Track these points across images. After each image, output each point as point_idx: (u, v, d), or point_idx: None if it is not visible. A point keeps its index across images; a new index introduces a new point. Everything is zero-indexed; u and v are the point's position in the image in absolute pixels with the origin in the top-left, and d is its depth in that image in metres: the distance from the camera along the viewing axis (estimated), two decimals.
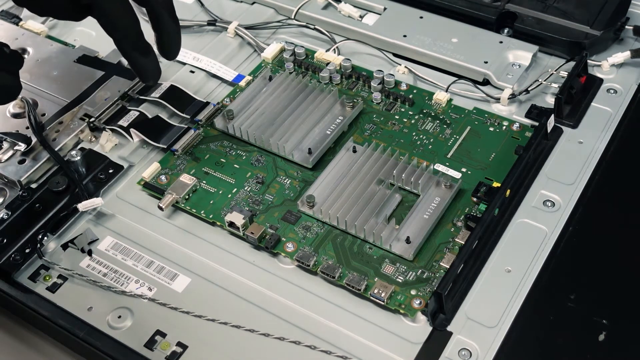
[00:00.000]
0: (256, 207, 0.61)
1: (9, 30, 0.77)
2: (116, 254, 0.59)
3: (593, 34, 0.71)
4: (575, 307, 0.54)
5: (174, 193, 0.61)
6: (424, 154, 0.64)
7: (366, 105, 0.68)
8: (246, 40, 0.76)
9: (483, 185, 0.60)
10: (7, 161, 0.65)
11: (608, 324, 0.53)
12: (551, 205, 0.60)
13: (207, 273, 0.58)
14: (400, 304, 0.54)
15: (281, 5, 0.79)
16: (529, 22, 0.73)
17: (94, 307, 0.56)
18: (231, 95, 0.70)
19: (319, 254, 0.57)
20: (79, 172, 0.64)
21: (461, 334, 0.53)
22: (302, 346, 0.53)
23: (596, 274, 0.56)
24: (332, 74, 0.71)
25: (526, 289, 0.55)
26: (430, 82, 0.70)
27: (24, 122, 0.67)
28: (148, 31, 0.60)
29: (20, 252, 0.59)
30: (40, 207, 0.62)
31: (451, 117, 0.67)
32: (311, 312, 0.55)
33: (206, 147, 0.66)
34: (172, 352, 0.53)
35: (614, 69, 0.71)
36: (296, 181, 0.63)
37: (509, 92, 0.67)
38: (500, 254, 0.57)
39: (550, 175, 0.62)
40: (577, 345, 0.52)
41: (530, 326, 0.53)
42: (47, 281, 0.58)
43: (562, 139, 0.65)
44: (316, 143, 0.64)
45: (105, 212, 0.62)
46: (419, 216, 0.59)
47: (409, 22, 0.75)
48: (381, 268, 0.56)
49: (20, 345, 0.58)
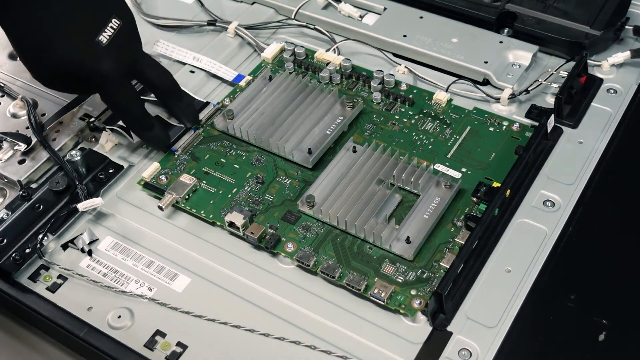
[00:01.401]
0: (256, 207, 0.61)
1: None
2: (116, 254, 0.59)
3: (593, 34, 0.71)
4: (575, 307, 0.54)
5: (174, 193, 0.61)
6: (424, 154, 0.64)
7: (366, 105, 0.68)
8: (246, 40, 0.76)
9: (483, 185, 0.60)
10: (7, 161, 0.65)
11: (608, 324, 0.53)
12: (551, 205, 0.60)
13: (207, 273, 0.58)
14: (400, 304, 0.54)
15: (281, 5, 0.79)
16: (529, 22, 0.73)
17: (94, 307, 0.56)
18: (231, 95, 0.70)
19: (319, 254, 0.57)
20: (79, 172, 0.64)
21: (461, 334, 0.53)
22: (302, 346, 0.53)
23: (596, 274, 0.56)
24: (332, 74, 0.71)
25: (526, 289, 0.55)
26: (430, 82, 0.70)
27: (24, 122, 0.67)
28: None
29: (20, 252, 0.59)
30: (40, 207, 0.62)
31: (451, 117, 0.67)
32: (311, 312, 0.55)
33: (206, 147, 0.66)
34: (172, 352, 0.53)
35: (614, 69, 0.71)
36: (296, 181, 0.63)
37: (509, 92, 0.67)
38: (500, 254, 0.57)
39: (550, 175, 0.62)
40: (577, 345, 0.52)
41: (530, 326, 0.53)
42: (47, 281, 0.58)
43: (562, 139, 0.65)
44: (316, 143, 0.64)
45: (105, 212, 0.62)
46: (419, 216, 0.59)
47: (409, 22, 0.75)
48: (381, 268, 0.56)
49: (20, 345, 0.58)
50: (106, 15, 0.59)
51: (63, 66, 0.58)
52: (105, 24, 0.59)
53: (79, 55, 0.58)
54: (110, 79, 0.59)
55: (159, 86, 0.64)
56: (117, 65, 0.59)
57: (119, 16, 0.60)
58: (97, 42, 0.58)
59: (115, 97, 0.62)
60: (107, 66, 0.59)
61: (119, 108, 0.63)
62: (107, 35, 0.58)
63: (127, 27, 0.60)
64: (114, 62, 0.59)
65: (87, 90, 0.65)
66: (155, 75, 0.64)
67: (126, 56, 0.60)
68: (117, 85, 0.60)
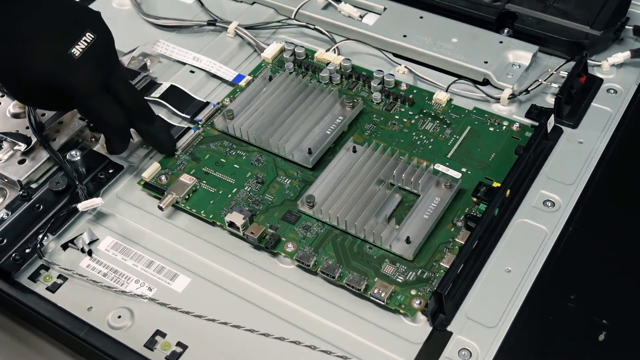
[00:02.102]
0: (256, 207, 0.61)
1: None
2: (116, 254, 0.59)
3: (593, 34, 0.71)
4: (575, 307, 0.54)
5: (174, 193, 0.61)
6: (424, 154, 0.64)
7: (366, 105, 0.68)
8: (246, 40, 0.76)
9: (483, 185, 0.60)
10: (7, 161, 0.65)
11: (608, 324, 0.53)
12: (551, 205, 0.60)
13: (207, 273, 0.58)
14: (400, 304, 0.54)
15: (281, 5, 0.79)
16: (529, 22, 0.73)
17: (94, 307, 0.56)
18: (231, 95, 0.70)
19: (319, 254, 0.57)
20: (79, 172, 0.64)
21: (461, 334, 0.53)
22: (302, 346, 0.53)
23: (596, 274, 0.56)
24: (332, 74, 0.71)
25: (526, 289, 0.55)
26: (430, 82, 0.70)
27: (24, 122, 0.67)
28: None
29: (20, 252, 0.59)
30: (40, 207, 0.62)
31: (451, 117, 0.67)
32: (311, 312, 0.55)
33: (206, 147, 0.66)
34: (172, 352, 0.53)
35: (614, 69, 0.71)
36: (296, 181, 0.63)
37: (509, 92, 0.67)
38: (500, 254, 0.57)
39: (550, 175, 0.62)
40: (577, 345, 0.52)
41: (530, 326, 0.53)
42: (47, 281, 0.58)
43: (562, 139, 0.65)
44: (316, 143, 0.64)
45: (105, 212, 0.62)
46: (419, 216, 0.59)
47: (409, 22, 0.75)
48: (381, 268, 0.56)
49: (20, 345, 0.58)
50: (80, 29, 0.59)
51: (36, 80, 0.58)
52: (79, 37, 0.58)
53: (51, 67, 0.58)
54: (83, 92, 0.59)
55: (128, 107, 0.62)
56: (90, 78, 0.59)
57: (94, 30, 0.59)
58: (69, 54, 0.58)
59: (90, 110, 0.61)
60: (80, 79, 0.58)
61: (96, 121, 0.63)
62: (80, 48, 0.58)
63: (103, 41, 0.60)
64: (86, 75, 0.59)
65: (63, 106, 0.64)
66: (124, 95, 0.62)
67: (100, 70, 0.60)
68: (91, 99, 0.60)
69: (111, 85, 0.61)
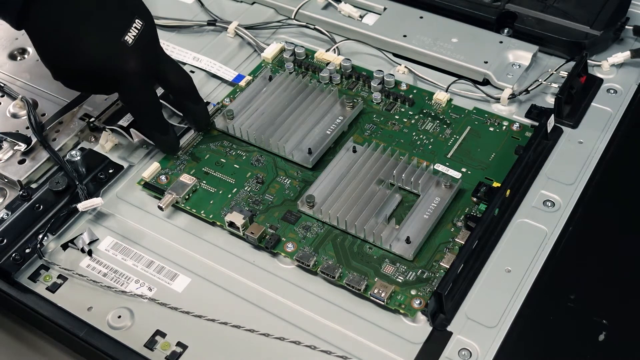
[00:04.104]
0: (256, 207, 0.61)
1: (9, 30, 0.77)
2: (116, 254, 0.59)
3: (593, 34, 0.71)
4: (575, 307, 0.54)
5: (174, 193, 0.61)
6: (424, 154, 0.64)
7: (366, 105, 0.68)
8: (246, 40, 0.76)
9: (483, 185, 0.60)
10: (7, 161, 0.65)
11: (608, 324, 0.53)
12: (551, 205, 0.60)
13: (207, 273, 0.58)
14: (400, 304, 0.54)
15: (281, 5, 0.79)
16: (529, 22, 0.73)
17: (94, 307, 0.56)
18: (231, 95, 0.70)
19: (319, 254, 0.57)
20: (79, 172, 0.64)
21: (461, 334, 0.53)
22: (302, 346, 0.53)
23: (596, 274, 0.56)
24: (332, 74, 0.71)
25: (526, 289, 0.55)
26: (430, 82, 0.70)
27: (24, 122, 0.67)
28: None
29: (20, 252, 0.59)
30: (40, 207, 0.62)
31: (451, 117, 0.67)
32: (311, 312, 0.55)
33: (206, 147, 0.66)
34: (172, 352, 0.53)
35: (614, 69, 0.71)
36: (296, 181, 0.63)
37: (509, 92, 0.67)
38: (500, 254, 0.57)
39: (550, 175, 0.62)
40: (577, 345, 0.52)
41: (530, 326, 0.53)
42: (47, 281, 0.58)
43: (562, 139, 0.65)
44: (316, 143, 0.64)
45: (105, 212, 0.62)
46: (419, 216, 0.59)
47: (409, 22, 0.75)
48: (381, 268, 0.56)
49: (20, 345, 0.58)
50: (130, 16, 0.59)
51: (89, 66, 0.58)
52: (130, 24, 0.59)
53: (105, 55, 0.58)
54: (134, 79, 0.60)
55: (178, 88, 0.64)
56: (142, 65, 0.60)
57: (142, 17, 0.60)
58: (123, 42, 0.58)
59: (136, 97, 0.62)
60: (133, 66, 0.59)
61: (139, 109, 0.63)
62: (132, 35, 0.59)
63: (149, 28, 0.61)
64: (139, 62, 0.59)
65: (106, 91, 0.65)
66: (175, 77, 0.64)
67: (150, 56, 0.61)
68: (140, 86, 0.61)
69: (160, 69, 0.62)
